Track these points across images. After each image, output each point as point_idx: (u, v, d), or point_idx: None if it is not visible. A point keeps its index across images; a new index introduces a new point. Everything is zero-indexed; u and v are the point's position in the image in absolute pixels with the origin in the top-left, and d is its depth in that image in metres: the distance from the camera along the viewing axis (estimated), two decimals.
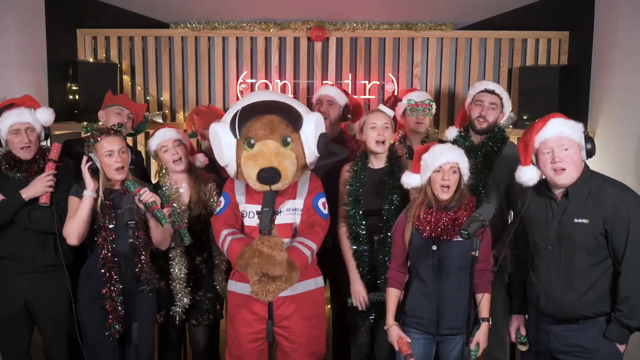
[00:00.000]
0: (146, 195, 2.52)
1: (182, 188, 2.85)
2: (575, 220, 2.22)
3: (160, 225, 2.55)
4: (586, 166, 2.29)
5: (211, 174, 2.97)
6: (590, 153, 2.28)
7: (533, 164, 2.32)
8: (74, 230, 2.53)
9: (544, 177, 2.35)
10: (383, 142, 2.71)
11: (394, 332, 2.49)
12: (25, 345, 2.84)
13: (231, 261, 2.48)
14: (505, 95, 2.97)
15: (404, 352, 2.41)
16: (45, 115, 2.82)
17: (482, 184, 2.83)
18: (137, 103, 3.37)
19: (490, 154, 2.88)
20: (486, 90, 2.93)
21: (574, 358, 2.26)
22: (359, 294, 2.72)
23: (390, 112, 2.84)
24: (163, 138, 2.82)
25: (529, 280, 2.40)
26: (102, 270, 2.55)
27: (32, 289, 2.75)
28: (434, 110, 3.27)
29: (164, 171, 2.88)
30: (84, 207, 2.53)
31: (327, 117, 3.19)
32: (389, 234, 2.64)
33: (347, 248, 2.77)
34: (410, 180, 2.52)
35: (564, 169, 2.22)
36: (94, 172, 2.56)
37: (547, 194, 2.33)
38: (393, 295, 2.54)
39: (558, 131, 2.24)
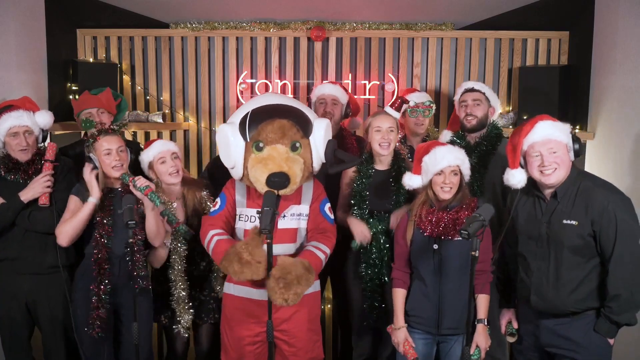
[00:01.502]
0: (141, 181, 2.54)
1: (174, 204, 2.76)
2: (564, 222, 2.27)
3: (155, 205, 2.55)
4: (574, 166, 2.33)
5: (202, 179, 2.97)
6: (578, 153, 2.32)
7: (521, 167, 2.35)
8: (67, 231, 2.54)
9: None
10: (388, 145, 2.71)
11: (402, 334, 2.48)
12: (26, 345, 2.85)
13: (215, 260, 2.48)
14: (487, 90, 3.01)
15: (409, 357, 2.41)
16: (44, 119, 2.81)
17: (477, 183, 2.84)
18: (95, 95, 3.20)
19: (485, 153, 2.90)
20: (466, 90, 3.01)
21: (563, 351, 2.31)
22: (361, 232, 2.69)
23: (396, 115, 2.85)
24: (161, 149, 2.75)
25: (519, 278, 2.44)
26: (94, 267, 2.56)
27: (32, 291, 2.75)
28: (433, 111, 3.28)
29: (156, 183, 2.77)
30: (84, 212, 2.54)
31: (332, 117, 3.20)
32: None
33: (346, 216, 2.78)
34: (412, 181, 2.53)
35: (553, 171, 2.26)
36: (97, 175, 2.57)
37: (536, 193, 2.37)
38: (400, 296, 2.53)
39: (546, 134, 2.28)
